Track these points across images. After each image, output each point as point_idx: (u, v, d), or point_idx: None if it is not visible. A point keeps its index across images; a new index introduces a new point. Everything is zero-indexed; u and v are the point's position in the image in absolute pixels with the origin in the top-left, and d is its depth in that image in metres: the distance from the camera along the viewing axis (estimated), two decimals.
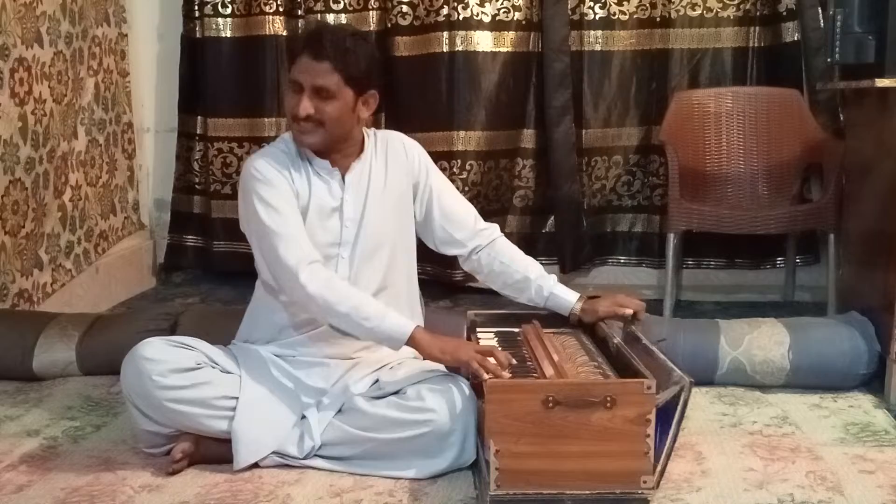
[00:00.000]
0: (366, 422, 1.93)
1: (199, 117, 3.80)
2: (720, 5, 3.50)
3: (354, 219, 2.10)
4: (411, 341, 1.94)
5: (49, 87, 3.06)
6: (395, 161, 2.17)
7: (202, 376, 1.96)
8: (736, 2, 3.49)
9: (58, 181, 3.15)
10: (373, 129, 2.22)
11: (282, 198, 2.03)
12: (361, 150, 2.14)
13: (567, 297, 2.22)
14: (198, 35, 3.72)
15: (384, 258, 2.14)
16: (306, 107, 2.01)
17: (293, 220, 2.02)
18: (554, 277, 2.25)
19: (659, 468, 1.76)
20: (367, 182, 2.13)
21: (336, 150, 2.09)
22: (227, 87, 3.75)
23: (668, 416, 1.77)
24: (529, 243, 3.62)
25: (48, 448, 2.12)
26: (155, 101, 3.96)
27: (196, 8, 3.69)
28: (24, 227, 2.91)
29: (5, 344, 2.60)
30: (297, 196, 2.05)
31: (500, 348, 2.05)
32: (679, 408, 1.76)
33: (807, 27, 3.34)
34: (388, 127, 3.68)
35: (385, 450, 1.92)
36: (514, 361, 1.95)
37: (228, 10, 3.69)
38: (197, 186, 3.85)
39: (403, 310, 2.15)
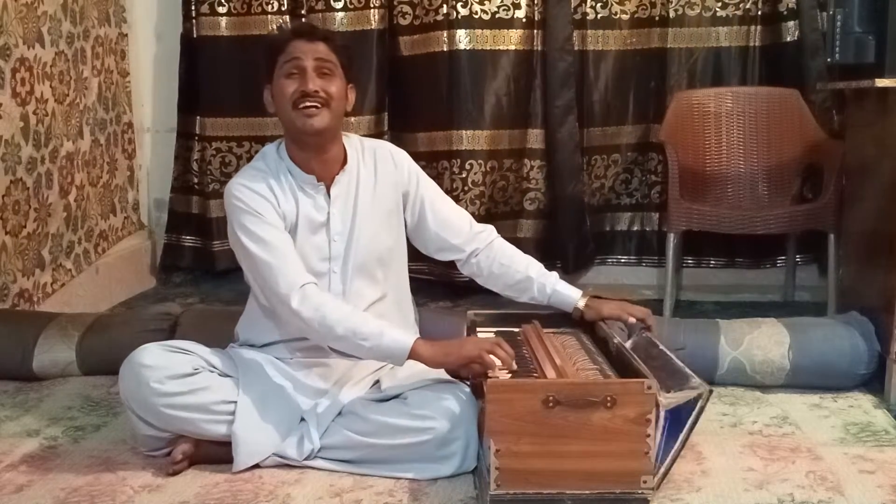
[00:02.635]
0: (366, 427, 1.93)
1: (197, 117, 3.80)
2: (720, 5, 3.51)
3: (343, 233, 2.07)
4: (413, 355, 1.92)
5: (51, 87, 3.06)
6: (384, 171, 2.14)
7: (200, 381, 1.95)
8: (736, 1, 3.49)
9: (63, 181, 3.15)
10: (357, 136, 2.20)
11: (268, 225, 1.99)
12: (345, 160, 2.10)
13: (570, 294, 2.21)
14: (195, 34, 3.72)
15: (377, 270, 2.12)
16: (316, 81, 1.98)
17: (281, 246, 1.99)
18: (556, 274, 2.25)
19: (663, 470, 1.76)
20: (355, 194, 2.09)
21: (325, 149, 2.05)
22: (227, 86, 3.75)
23: (679, 419, 1.76)
24: (543, 247, 3.63)
25: (48, 448, 2.12)
26: (154, 101, 3.96)
27: (193, 7, 3.69)
28: (25, 227, 2.91)
29: (5, 344, 2.60)
30: (283, 217, 2.02)
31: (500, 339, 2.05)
32: (694, 414, 1.76)
33: (806, 28, 3.34)
34: (390, 126, 3.70)
35: (385, 454, 1.92)
36: (513, 362, 1.95)
37: (225, 10, 3.69)
38: (196, 186, 3.85)
39: (397, 320, 2.13)
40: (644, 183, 3.67)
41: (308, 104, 1.97)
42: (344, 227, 2.07)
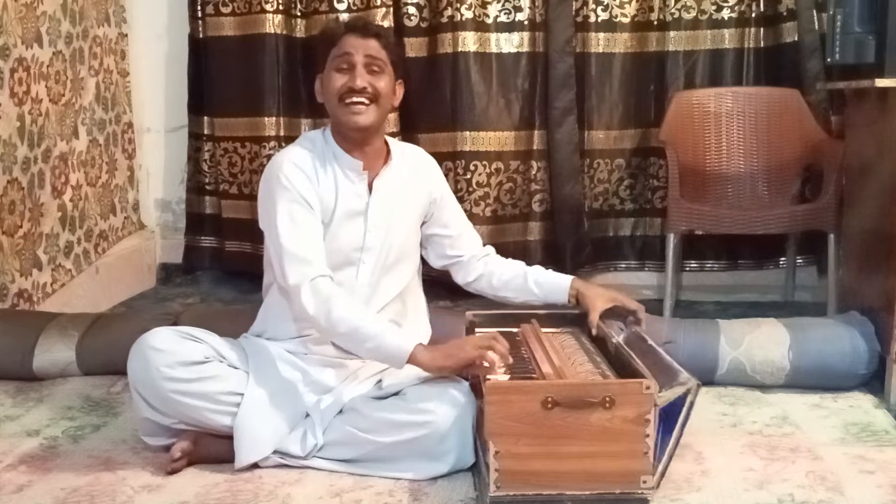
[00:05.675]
0: (366, 423, 1.93)
1: (205, 117, 3.79)
2: (720, 7, 3.50)
3: (381, 226, 2.09)
4: (412, 360, 1.92)
5: (46, 87, 3.05)
6: (421, 175, 2.19)
7: (209, 370, 1.96)
8: (733, 3, 3.49)
9: (56, 181, 3.15)
10: (393, 139, 2.23)
11: (304, 209, 2.00)
12: (388, 156, 2.14)
13: (560, 280, 2.25)
14: (201, 34, 3.72)
15: (406, 267, 2.15)
16: (364, 77, 2.01)
17: (309, 235, 1.99)
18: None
19: (660, 469, 1.76)
20: (397, 191, 2.12)
21: (368, 142, 2.08)
22: (230, 86, 3.74)
23: (671, 416, 1.76)
24: (548, 248, 3.64)
25: (48, 448, 2.12)
26: (154, 100, 3.96)
27: (199, 7, 3.69)
28: (21, 226, 2.91)
29: (5, 344, 2.59)
30: (322, 202, 2.04)
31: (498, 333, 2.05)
32: (685, 409, 1.76)
33: (802, 28, 3.34)
34: (394, 126, 3.69)
35: (385, 452, 1.92)
36: (510, 357, 1.94)
37: (229, 9, 3.69)
38: (207, 187, 3.85)
39: (416, 317, 2.18)
40: (647, 188, 3.67)
41: (355, 100, 2.01)
42: (382, 221, 2.10)
